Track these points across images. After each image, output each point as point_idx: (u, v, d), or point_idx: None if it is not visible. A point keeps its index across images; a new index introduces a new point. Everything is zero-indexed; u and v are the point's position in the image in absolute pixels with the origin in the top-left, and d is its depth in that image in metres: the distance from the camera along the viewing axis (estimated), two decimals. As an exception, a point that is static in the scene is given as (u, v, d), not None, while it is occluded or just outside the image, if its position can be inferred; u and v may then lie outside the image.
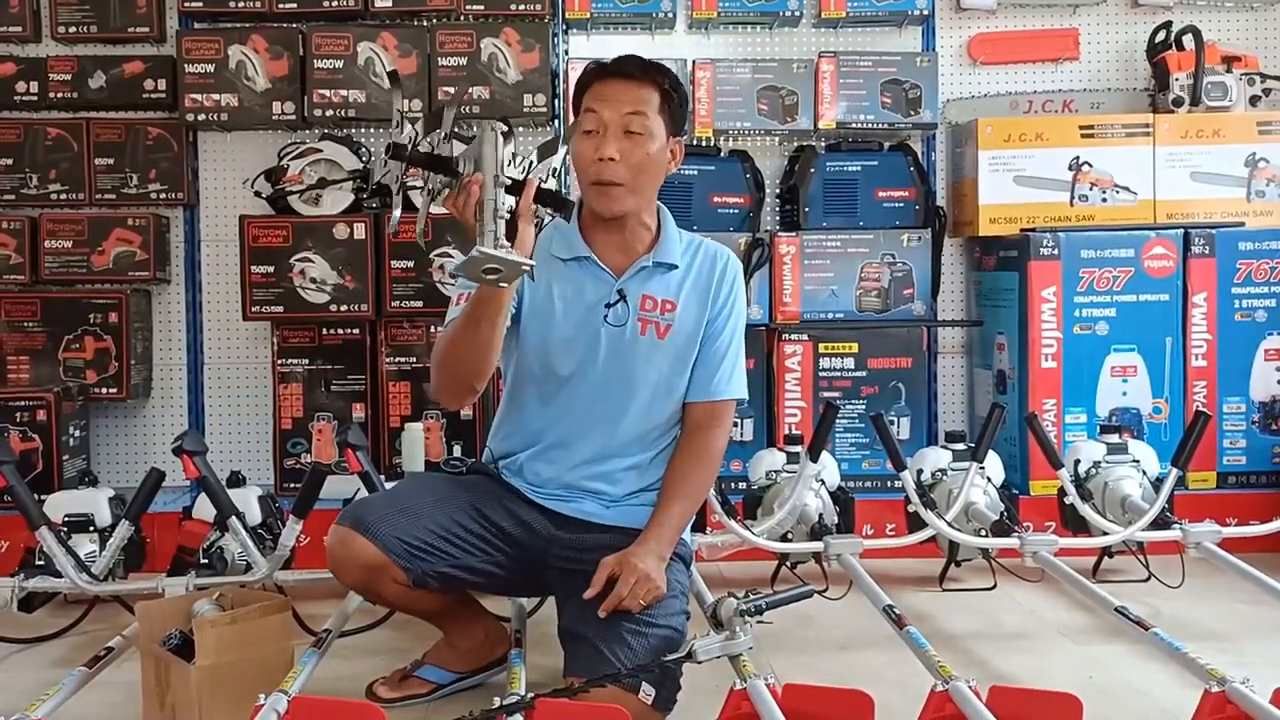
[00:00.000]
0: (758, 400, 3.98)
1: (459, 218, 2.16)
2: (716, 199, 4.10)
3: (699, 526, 3.13)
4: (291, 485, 3.87)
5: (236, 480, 3.23)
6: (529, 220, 2.18)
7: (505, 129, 2.22)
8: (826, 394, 3.98)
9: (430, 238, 3.85)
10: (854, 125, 4.09)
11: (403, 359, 3.95)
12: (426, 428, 3.82)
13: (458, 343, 2.31)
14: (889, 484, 3.88)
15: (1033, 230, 3.94)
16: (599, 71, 2.49)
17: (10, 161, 4.02)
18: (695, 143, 4.12)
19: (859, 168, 4.11)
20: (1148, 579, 3.35)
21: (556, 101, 4.09)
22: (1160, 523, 3.17)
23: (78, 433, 3.93)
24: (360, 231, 3.87)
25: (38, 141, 4.02)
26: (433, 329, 3.92)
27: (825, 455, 3.32)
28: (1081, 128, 4.03)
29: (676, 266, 2.53)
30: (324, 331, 3.96)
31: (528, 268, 2.08)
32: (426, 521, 2.43)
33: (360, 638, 2.97)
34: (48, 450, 3.77)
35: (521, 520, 2.52)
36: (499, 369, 2.63)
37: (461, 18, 4.02)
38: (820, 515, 3.30)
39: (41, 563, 2.96)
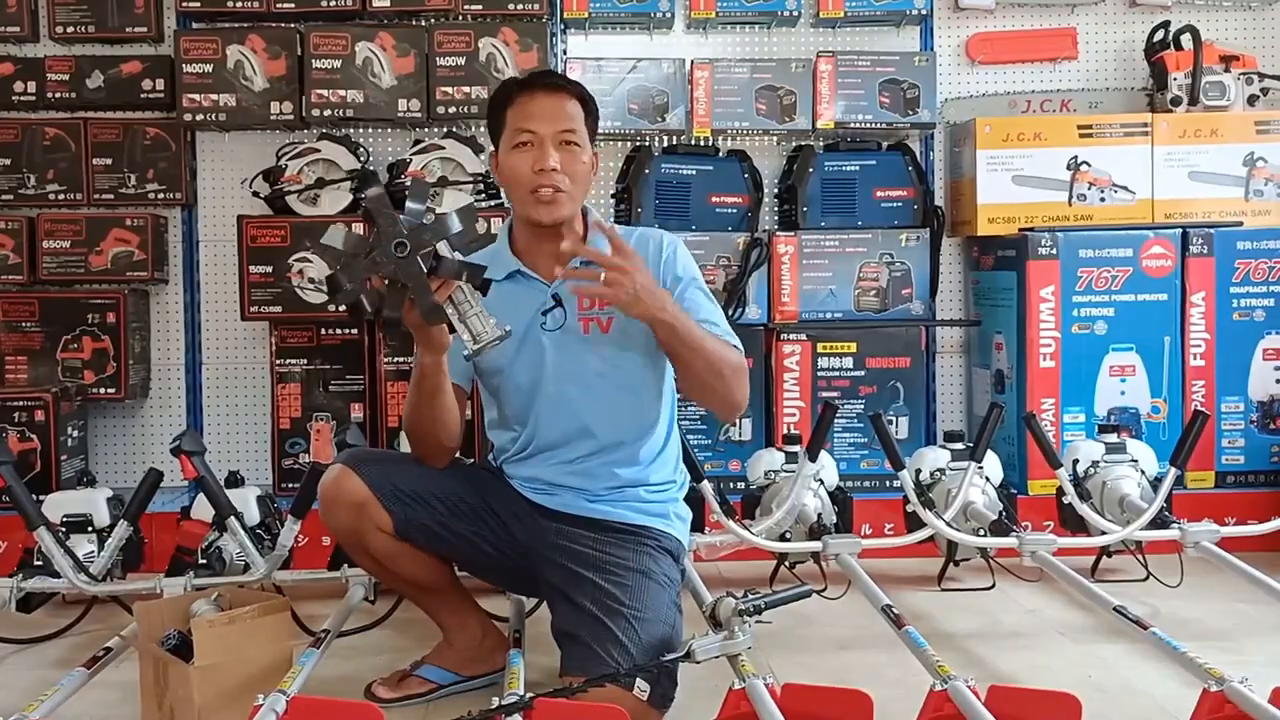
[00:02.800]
0: (756, 400, 3.97)
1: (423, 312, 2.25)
2: (715, 198, 4.10)
3: (697, 526, 3.12)
4: (290, 485, 3.87)
5: (235, 480, 3.23)
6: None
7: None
8: (825, 394, 3.98)
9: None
10: (852, 125, 4.09)
11: (401, 359, 3.94)
12: (425, 428, 3.81)
13: (420, 418, 2.47)
14: (887, 483, 3.88)
15: (1031, 230, 3.94)
16: (524, 86, 2.52)
17: (8, 161, 4.02)
18: (693, 142, 4.13)
19: (857, 167, 4.11)
20: (1146, 578, 3.35)
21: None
22: (1159, 522, 3.17)
23: (76, 433, 3.93)
24: (359, 231, 3.85)
25: (35, 141, 4.02)
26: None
27: (824, 455, 3.32)
28: (1080, 127, 4.03)
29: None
30: (322, 331, 3.96)
31: (509, 330, 2.28)
32: (420, 478, 2.51)
33: (359, 638, 2.97)
34: (46, 450, 3.77)
35: (514, 510, 2.56)
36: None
37: (459, 17, 4.02)
38: (819, 515, 3.30)
39: (40, 563, 2.96)
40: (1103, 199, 4.01)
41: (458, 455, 2.68)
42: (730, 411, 2.53)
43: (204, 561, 3.02)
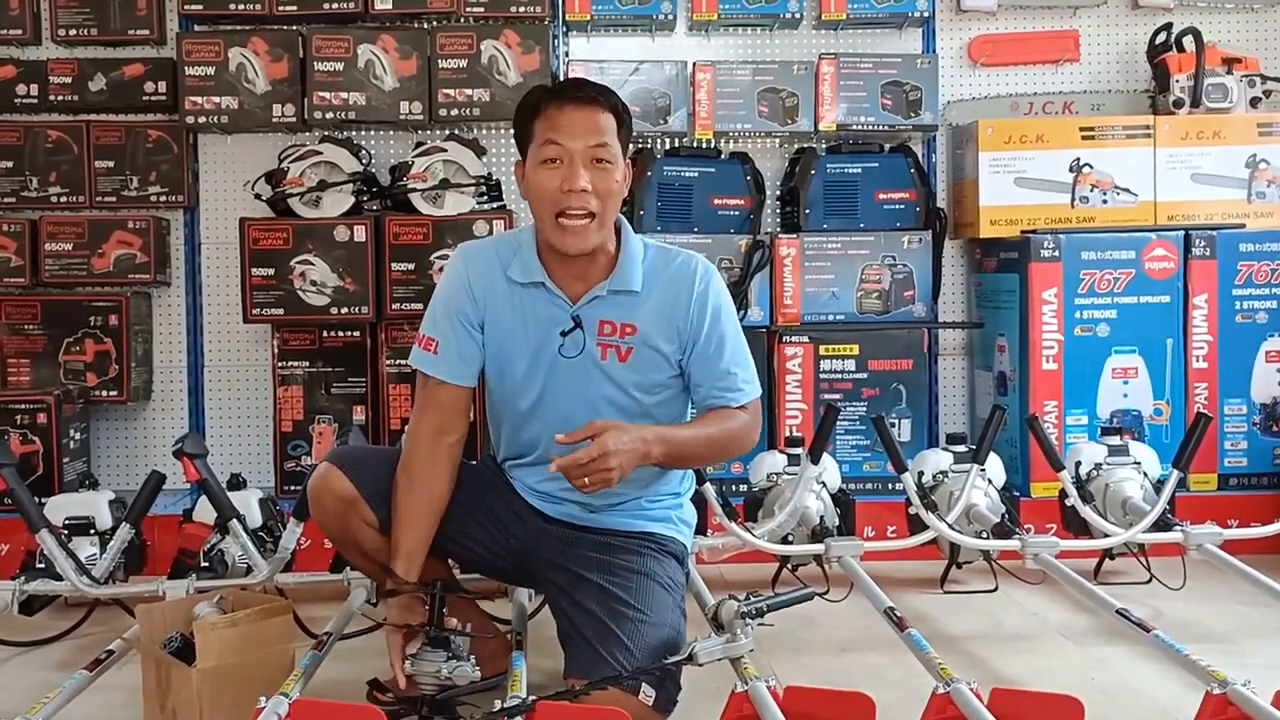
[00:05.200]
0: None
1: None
2: (717, 201, 4.10)
3: (700, 529, 3.12)
4: (292, 488, 3.86)
5: (237, 483, 3.22)
6: None
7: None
8: (827, 396, 3.97)
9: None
10: (854, 127, 4.08)
11: (403, 361, 3.94)
12: (427, 430, 3.80)
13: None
14: (890, 486, 3.88)
15: (1033, 232, 3.94)
16: (556, 97, 2.40)
17: (11, 164, 4.02)
18: (696, 144, 4.13)
19: (859, 169, 4.11)
20: (1149, 581, 3.35)
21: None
22: (1161, 524, 3.17)
23: (78, 435, 3.93)
24: (360, 234, 3.86)
25: (38, 144, 4.03)
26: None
27: (826, 457, 3.32)
28: (1082, 129, 4.03)
29: (636, 293, 2.45)
30: (324, 334, 3.96)
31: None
32: None
33: (361, 640, 2.96)
34: (48, 453, 3.77)
35: (514, 510, 2.56)
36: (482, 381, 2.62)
37: (462, 19, 4.03)
38: (821, 517, 3.30)
39: (42, 566, 2.95)
40: (1105, 201, 4.01)
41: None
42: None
43: (206, 564, 3.02)
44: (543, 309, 2.46)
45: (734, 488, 3.72)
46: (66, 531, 3.08)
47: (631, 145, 2.51)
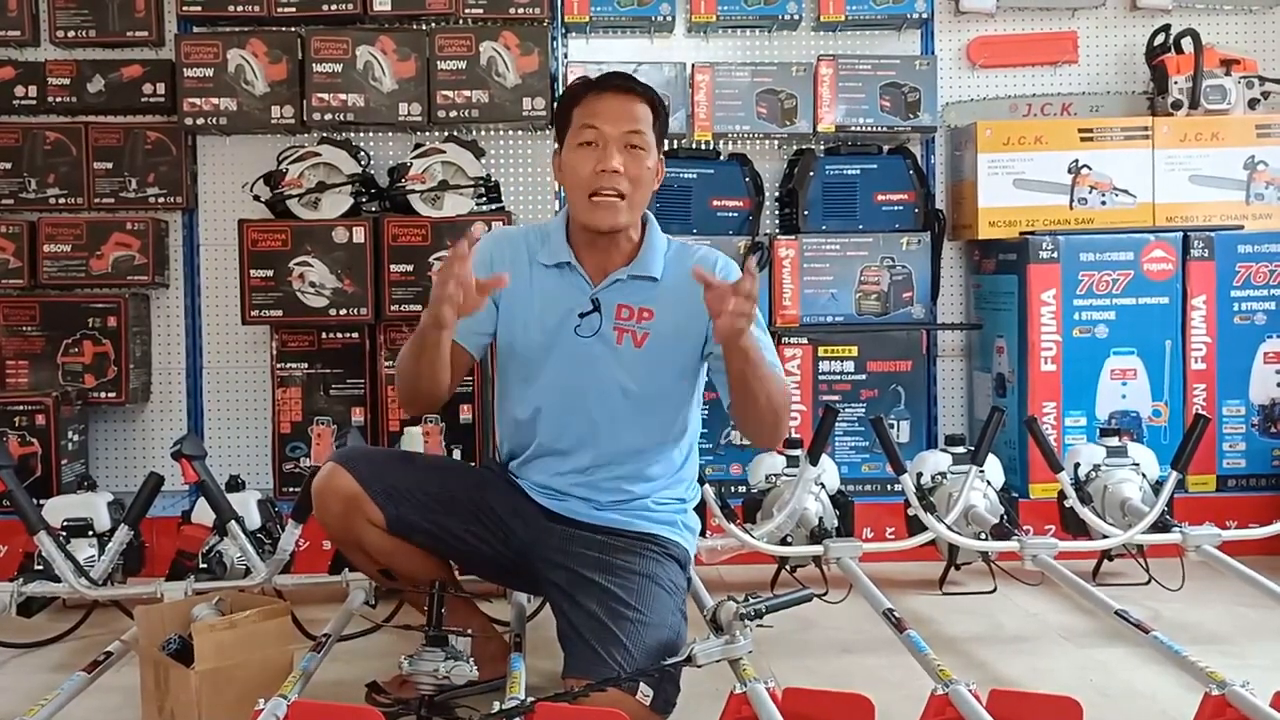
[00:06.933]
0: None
1: None
2: (716, 202, 4.10)
3: (699, 530, 3.11)
4: (291, 489, 3.86)
5: (235, 484, 3.22)
6: None
7: None
8: (826, 397, 3.98)
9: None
10: (853, 128, 4.09)
11: (402, 363, 3.94)
12: (425, 431, 3.81)
13: (408, 369, 2.42)
14: (889, 487, 3.88)
15: (1032, 233, 3.94)
16: (596, 86, 2.49)
17: (9, 166, 4.02)
18: (694, 145, 4.13)
19: (858, 171, 4.11)
20: (1148, 582, 3.35)
21: (556, 105, 4.09)
22: (1160, 526, 3.18)
23: (76, 437, 3.93)
24: (359, 235, 3.86)
25: (36, 145, 4.02)
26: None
27: (825, 459, 3.32)
28: (1080, 131, 4.03)
29: (656, 279, 2.50)
30: (323, 335, 3.96)
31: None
32: (412, 474, 2.52)
33: (360, 642, 2.97)
34: (46, 455, 3.77)
35: (516, 509, 2.55)
36: (494, 374, 2.64)
37: (460, 21, 4.03)
38: (820, 519, 3.30)
39: (40, 567, 2.96)
40: (1104, 202, 4.01)
41: (458, 456, 2.70)
42: (773, 442, 2.56)
43: (205, 566, 3.02)
44: (564, 290, 2.51)
45: (733, 489, 3.73)
46: (65, 533, 3.08)
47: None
